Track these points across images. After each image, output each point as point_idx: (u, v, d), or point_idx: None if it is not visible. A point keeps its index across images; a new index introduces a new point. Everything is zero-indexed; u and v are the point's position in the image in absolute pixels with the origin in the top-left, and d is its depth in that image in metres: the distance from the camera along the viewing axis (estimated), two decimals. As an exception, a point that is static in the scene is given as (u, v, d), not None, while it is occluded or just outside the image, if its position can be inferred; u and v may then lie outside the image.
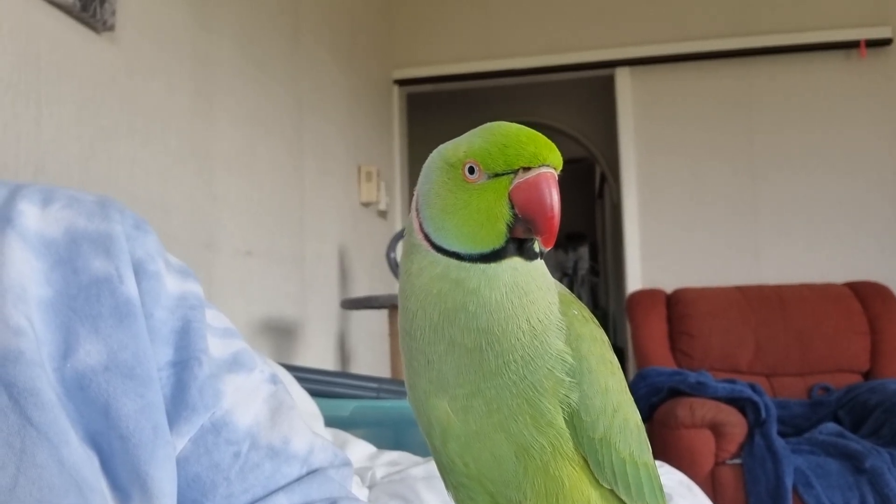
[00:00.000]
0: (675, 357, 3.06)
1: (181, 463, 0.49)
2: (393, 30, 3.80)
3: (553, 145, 0.33)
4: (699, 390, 2.49)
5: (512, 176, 0.33)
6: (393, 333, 2.20)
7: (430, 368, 0.35)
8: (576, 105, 4.94)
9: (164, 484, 0.46)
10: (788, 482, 2.20)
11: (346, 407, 1.37)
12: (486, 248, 0.33)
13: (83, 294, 0.48)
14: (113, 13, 1.40)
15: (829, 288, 3.15)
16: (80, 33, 1.35)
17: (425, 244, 0.35)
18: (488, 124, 0.34)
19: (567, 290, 0.37)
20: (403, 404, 1.44)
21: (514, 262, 0.33)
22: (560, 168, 0.33)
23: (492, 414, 0.33)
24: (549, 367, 0.33)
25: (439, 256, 0.35)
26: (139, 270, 0.50)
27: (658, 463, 1.19)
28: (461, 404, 0.34)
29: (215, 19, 1.88)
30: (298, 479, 0.52)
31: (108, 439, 0.45)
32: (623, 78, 3.65)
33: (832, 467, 2.24)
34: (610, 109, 3.78)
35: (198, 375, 0.50)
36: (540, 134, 0.33)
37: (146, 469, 0.45)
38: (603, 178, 5.92)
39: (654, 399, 2.63)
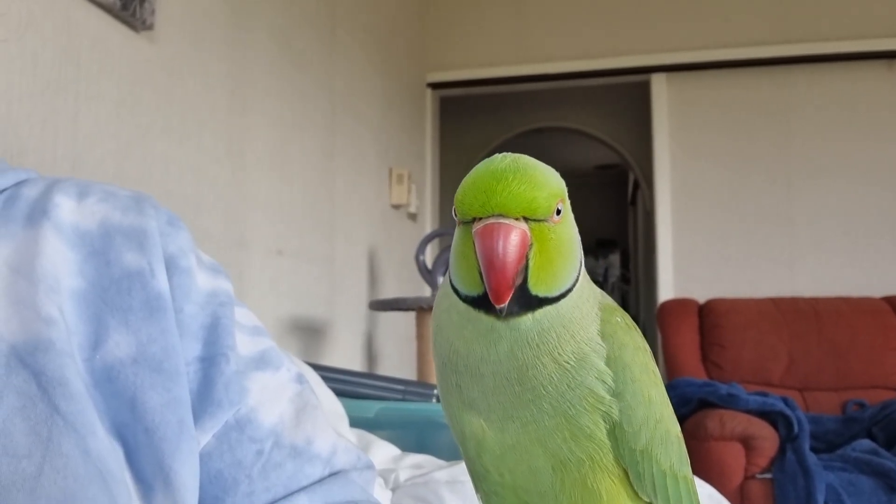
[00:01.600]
0: (706, 368, 3.01)
1: (204, 458, 0.49)
2: (427, 33, 3.81)
3: (522, 188, 0.30)
4: (730, 402, 2.45)
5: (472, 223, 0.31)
6: (420, 336, 2.20)
7: (460, 392, 0.34)
8: (610, 111, 4.90)
9: (188, 478, 0.46)
10: (820, 499, 2.15)
11: (372, 408, 1.37)
12: (475, 292, 0.31)
13: (115, 287, 0.48)
14: (152, 12, 1.42)
15: (865, 302, 3.08)
16: (119, 32, 1.37)
17: (447, 278, 0.34)
18: (484, 161, 0.32)
19: (608, 297, 0.36)
20: (429, 407, 1.44)
21: (513, 321, 0.31)
22: (534, 213, 0.30)
23: (528, 431, 0.32)
24: (589, 388, 0.32)
25: (450, 290, 0.34)
26: (171, 266, 0.51)
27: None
28: (497, 425, 0.33)
29: (252, 20, 1.90)
30: (320, 481, 0.52)
31: (134, 432, 0.45)
32: (659, 84, 3.61)
33: (865, 485, 2.19)
34: (645, 115, 3.75)
35: (224, 371, 0.50)
36: (514, 172, 0.30)
37: (170, 463, 0.45)
38: (636, 185, 5.87)
39: (683, 410, 2.59)
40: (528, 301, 0.31)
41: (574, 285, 0.33)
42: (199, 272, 0.53)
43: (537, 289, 0.31)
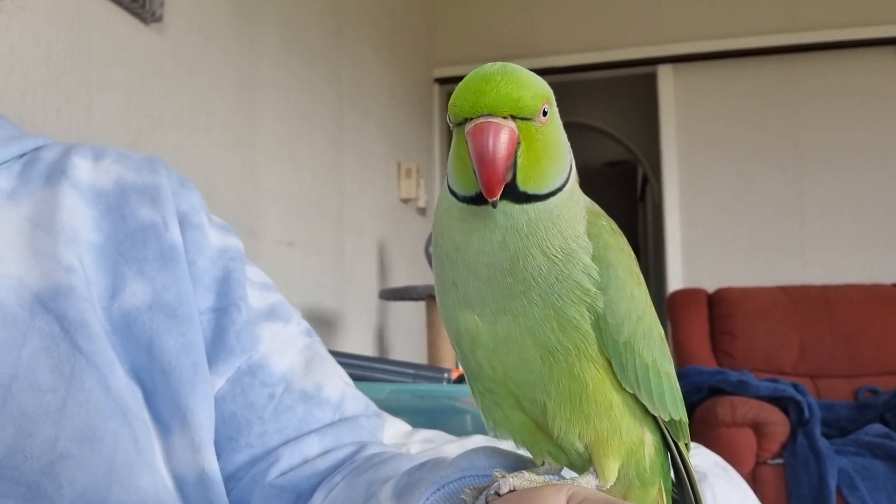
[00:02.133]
0: (716, 357, 3.01)
1: (218, 402, 0.51)
2: (433, 28, 3.83)
3: (510, 87, 0.31)
4: (741, 389, 2.45)
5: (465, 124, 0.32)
6: (430, 325, 2.21)
7: (455, 289, 0.36)
8: (618, 104, 4.90)
9: (203, 418, 0.48)
10: (832, 483, 2.15)
11: (383, 390, 1.38)
12: (471, 192, 0.33)
13: (130, 239, 0.50)
14: (161, 4, 1.44)
15: (876, 289, 3.07)
16: (129, 23, 1.39)
17: (446, 182, 0.36)
18: (476, 68, 0.34)
19: (596, 205, 0.37)
20: (439, 388, 1.45)
21: (505, 206, 0.33)
22: (521, 111, 0.32)
23: (519, 322, 0.34)
24: (576, 280, 0.34)
25: (448, 194, 0.36)
26: (184, 221, 0.53)
27: (693, 444, 1.18)
28: (489, 319, 0.35)
29: (260, 13, 1.92)
30: (330, 424, 0.54)
31: (151, 374, 0.47)
32: (665, 75, 3.61)
33: (878, 469, 2.19)
34: (652, 109, 3.75)
35: (236, 320, 0.52)
36: (501, 74, 0.32)
37: (186, 402, 0.47)
38: (645, 181, 5.86)
39: (694, 398, 2.60)
40: (517, 197, 0.33)
41: (563, 186, 0.34)
42: (210, 229, 0.55)
43: (526, 185, 0.33)
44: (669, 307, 3.19)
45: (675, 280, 3.53)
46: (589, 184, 0.37)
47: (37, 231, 0.48)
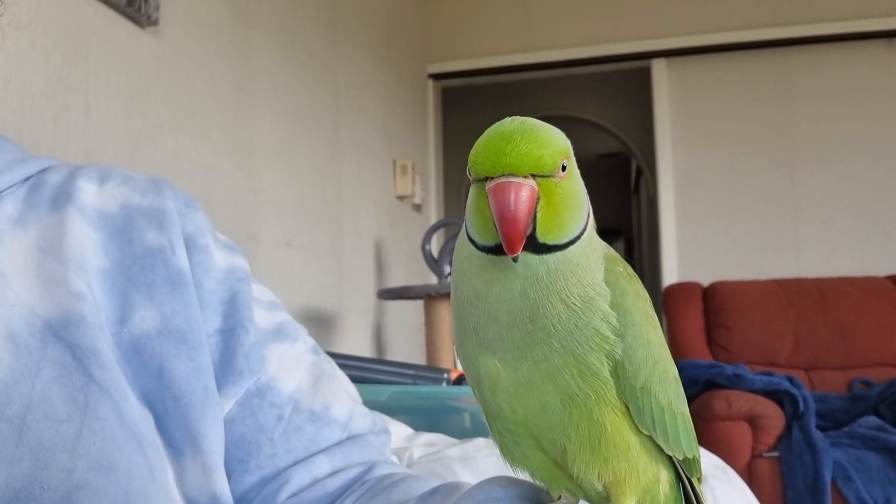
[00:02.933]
0: (711, 350, 3.03)
1: (228, 424, 0.51)
2: (428, 24, 3.82)
3: (530, 147, 0.33)
4: (736, 383, 2.47)
5: (485, 181, 0.34)
6: (429, 324, 2.22)
7: (476, 335, 0.36)
8: (612, 98, 4.91)
9: (214, 442, 0.48)
10: (827, 475, 2.17)
11: (384, 392, 1.39)
12: (491, 243, 0.34)
13: (138, 264, 0.51)
14: (157, 8, 1.44)
15: (870, 281, 3.10)
16: (125, 28, 1.39)
17: (464, 230, 0.37)
18: (494, 124, 0.35)
19: (613, 250, 0.38)
20: (439, 390, 1.46)
21: (525, 257, 0.34)
22: (541, 170, 0.33)
23: (540, 369, 0.35)
24: (595, 328, 0.35)
25: (468, 242, 0.37)
26: (190, 244, 0.53)
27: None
28: (511, 364, 0.35)
29: (255, 15, 1.92)
30: (339, 443, 0.54)
31: (162, 399, 0.48)
32: (659, 70, 3.62)
33: (872, 461, 2.21)
34: (646, 102, 3.76)
35: (244, 343, 0.53)
36: (521, 133, 0.33)
37: (197, 427, 0.48)
38: (639, 173, 5.87)
39: (690, 392, 2.62)
40: (536, 248, 0.34)
41: (581, 234, 0.35)
42: (216, 250, 0.55)
43: (545, 237, 0.34)
44: (664, 301, 3.21)
45: (671, 274, 3.54)
46: (582, 175, 0.38)
47: (45, 258, 0.48)
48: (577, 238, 0.35)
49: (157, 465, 0.45)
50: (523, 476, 0.41)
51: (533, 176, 0.33)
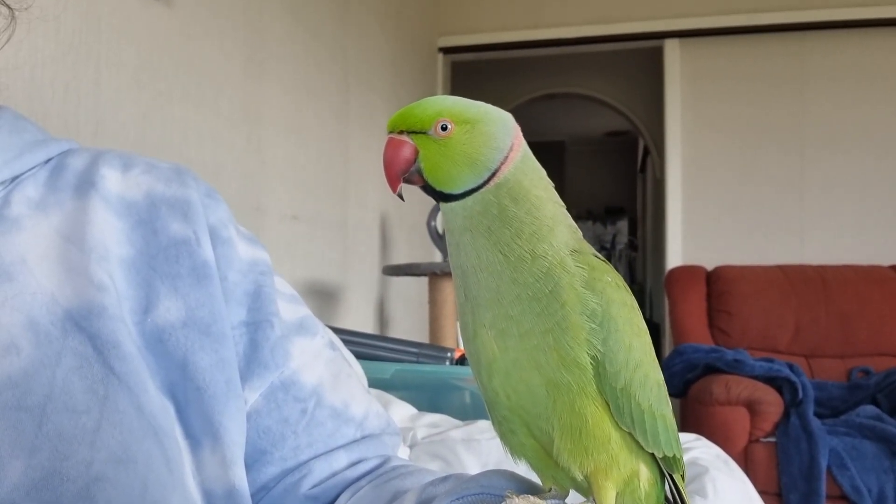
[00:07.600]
0: (712, 335, 3.04)
1: (253, 416, 0.52)
2: (439, -3, 3.78)
3: (406, 111, 0.38)
4: (736, 368, 2.48)
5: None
6: (433, 301, 2.23)
7: (467, 302, 0.39)
8: (622, 77, 4.87)
9: (235, 434, 0.49)
10: (823, 462, 2.19)
11: (388, 370, 1.40)
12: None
13: (163, 254, 0.51)
14: (170, -22, 1.43)
15: (873, 270, 3.10)
16: (138, -3, 1.38)
17: None
18: None
19: (603, 258, 0.40)
20: (442, 369, 1.48)
21: (443, 206, 0.39)
22: (411, 126, 0.38)
23: (523, 339, 0.37)
24: (578, 324, 0.36)
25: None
26: (214, 236, 0.54)
27: (694, 437, 1.21)
28: (497, 329, 0.37)
29: (267, -15, 1.90)
30: (356, 441, 0.56)
31: (185, 390, 0.48)
32: (672, 50, 3.59)
33: (868, 450, 2.23)
34: (657, 82, 3.73)
35: (270, 336, 0.53)
36: (417, 102, 0.39)
37: (219, 419, 0.48)
38: (646, 152, 5.85)
39: (689, 375, 2.63)
40: (445, 198, 0.39)
41: (484, 185, 0.38)
42: (239, 242, 0.56)
43: (439, 186, 0.38)
44: (668, 284, 3.21)
45: (675, 256, 3.54)
46: (589, 153, 0.39)
47: (68, 245, 0.48)
48: (475, 190, 0.38)
49: (174, 458, 0.45)
50: (522, 465, 0.43)
51: (410, 133, 0.38)
